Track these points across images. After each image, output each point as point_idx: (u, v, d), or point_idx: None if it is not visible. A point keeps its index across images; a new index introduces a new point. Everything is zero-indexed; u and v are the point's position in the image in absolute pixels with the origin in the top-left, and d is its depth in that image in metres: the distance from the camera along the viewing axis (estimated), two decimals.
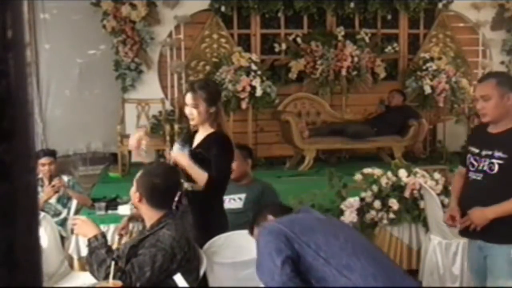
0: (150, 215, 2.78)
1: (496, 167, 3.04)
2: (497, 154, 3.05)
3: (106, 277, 2.55)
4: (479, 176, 3.13)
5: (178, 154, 3.31)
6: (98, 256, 2.62)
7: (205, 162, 3.30)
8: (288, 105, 7.52)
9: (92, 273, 2.66)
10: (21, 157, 0.69)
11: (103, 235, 2.70)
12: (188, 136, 3.58)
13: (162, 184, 2.80)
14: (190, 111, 3.36)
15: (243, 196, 4.12)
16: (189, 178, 3.32)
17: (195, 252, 2.84)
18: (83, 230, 2.71)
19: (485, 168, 3.08)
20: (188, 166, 3.27)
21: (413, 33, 8.16)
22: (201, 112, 3.33)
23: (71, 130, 7.57)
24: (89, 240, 2.68)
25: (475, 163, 3.16)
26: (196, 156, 3.32)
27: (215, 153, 3.29)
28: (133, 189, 2.83)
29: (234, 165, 4.12)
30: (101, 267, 2.59)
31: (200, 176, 3.25)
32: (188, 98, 3.37)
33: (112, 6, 7.07)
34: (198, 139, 3.41)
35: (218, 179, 3.28)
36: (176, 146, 3.41)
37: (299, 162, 7.16)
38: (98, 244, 2.65)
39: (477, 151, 3.18)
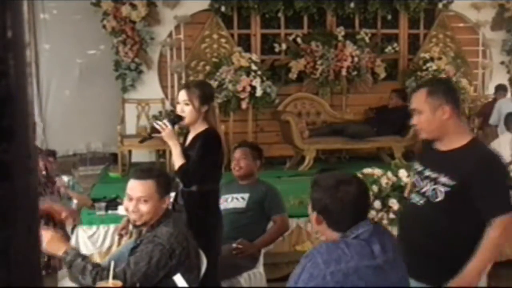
0: (158, 216, 2.76)
1: (441, 195, 2.53)
2: (442, 179, 2.54)
3: (94, 281, 2.53)
4: (421, 201, 2.63)
5: (169, 132, 3.27)
6: (77, 267, 2.59)
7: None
8: (288, 105, 7.52)
9: (81, 283, 2.63)
10: (21, 157, 0.69)
11: (72, 248, 2.70)
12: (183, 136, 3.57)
13: (170, 182, 2.84)
14: (181, 108, 3.33)
15: (246, 196, 4.11)
16: None
17: (194, 250, 2.83)
18: (52, 247, 2.65)
19: (428, 193, 2.58)
20: (174, 145, 3.28)
21: (413, 33, 8.16)
22: (193, 110, 3.31)
23: (71, 130, 7.58)
24: (62, 256, 2.64)
25: (417, 183, 2.68)
26: (186, 157, 3.31)
27: (197, 146, 3.28)
28: (154, 202, 2.71)
29: (242, 163, 4.13)
30: (84, 274, 2.57)
31: (178, 159, 3.25)
32: (182, 95, 3.35)
33: (112, 6, 7.07)
34: (188, 140, 3.40)
35: (187, 168, 3.24)
36: (166, 121, 3.34)
37: (299, 162, 7.15)
38: (71, 257, 2.61)
39: (420, 168, 2.70)
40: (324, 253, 2.02)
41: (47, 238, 2.62)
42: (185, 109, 3.32)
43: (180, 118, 3.32)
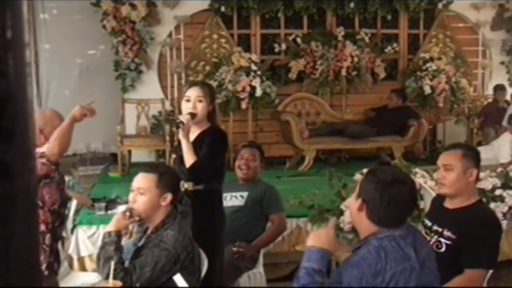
0: (162, 216, 2.75)
1: (444, 247, 2.81)
2: (446, 233, 2.82)
3: (108, 274, 2.57)
4: None
5: (189, 128, 3.21)
6: (106, 252, 2.65)
7: None
8: (288, 105, 7.52)
9: (98, 268, 2.69)
10: (21, 157, 0.69)
11: (117, 234, 2.71)
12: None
13: (178, 177, 2.87)
14: (194, 105, 3.29)
15: (245, 194, 4.11)
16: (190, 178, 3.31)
17: (197, 252, 2.84)
18: (114, 220, 2.76)
19: (432, 245, 2.79)
20: (187, 142, 3.22)
21: (413, 33, 8.16)
22: (205, 107, 3.30)
23: None
24: (104, 234, 2.75)
25: (425, 236, 2.85)
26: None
27: (206, 142, 3.25)
28: (152, 196, 2.73)
29: (251, 164, 4.15)
30: (106, 263, 2.61)
31: (190, 156, 3.20)
32: (195, 91, 3.31)
33: (112, 6, 7.07)
34: (191, 138, 3.37)
35: (199, 165, 3.21)
36: (187, 117, 3.26)
37: (299, 162, 7.15)
38: (109, 240, 2.67)
39: (429, 224, 2.97)
40: (372, 265, 2.05)
41: (118, 216, 2.77)
42: (198, 106, 3.29)
43: (193, 115, 3.28)
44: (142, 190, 2.74)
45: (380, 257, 2.05)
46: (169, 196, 2.74)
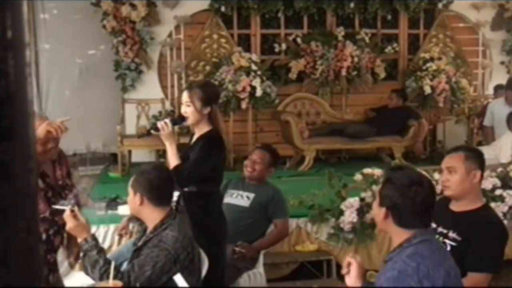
0: (153, 217, 2.75)
1: (448, 248, 2.83)
2: (451, 235, 2.86)
3: (101, 278, 2.57)
4: None
5: (168, 132, 3.26)
6: (90, 258, 2.64)
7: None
8: (288, 105, 7.52)
9: (88, 275, 2.68)
10: (21, 157, 0.69)
11: (93, 237, 2.72)
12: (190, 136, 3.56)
13: (158, 179, 2.81)
14: (184, 109, 3.33)
15: (251, 196, 4.11)
16: None
17: (197, 252, 2.84)
18: (76, 231, 2.73)
19: None
20: (170, 145, 3.26)
21: (413, 33, 8.16)
22: (194, 111, 3.28)
23: (71, 130, 7.53)
24: (80, 243, 2.72)
25: None
26: (186, 157, 3.31)
27: (198, 147, 3.27)
28: (130, 195, 2.82)
29: (257, 166, 4.13)
30: (94, 268, 2.62)
31: (173, 159, 3.24)
32: (184, 96, 3.35)
33: (112, 6, 7.07)
34: (193, 140, 3.39)
35: (182, 169, 3.22)
36: (168, 121, 3.32)
37: (299, 162, 7.15)
38: (89, 246, 2.67)
39: (433, 226, 2.90)
40: (414, 274, 2.09)
41: (73, 223, 2.69)
42: (187, 110, 3.31)
43: (183, 118, 3.32)
44: (128, 191, 2.85)
45: (418, 263, 2.10)
46: (139, 197, 2.77)
